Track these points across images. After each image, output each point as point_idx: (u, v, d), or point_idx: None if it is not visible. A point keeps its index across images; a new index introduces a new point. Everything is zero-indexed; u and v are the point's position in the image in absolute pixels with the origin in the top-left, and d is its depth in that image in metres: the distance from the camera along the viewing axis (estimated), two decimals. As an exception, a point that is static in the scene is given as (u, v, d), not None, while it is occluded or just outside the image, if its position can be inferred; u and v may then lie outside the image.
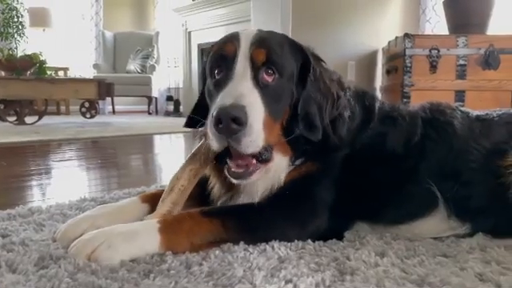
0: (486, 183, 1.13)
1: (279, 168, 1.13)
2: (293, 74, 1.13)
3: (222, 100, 0.99)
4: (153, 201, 1.22)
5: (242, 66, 1.07)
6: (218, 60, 1.13)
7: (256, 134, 0.99)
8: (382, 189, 1.16)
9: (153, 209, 1.19)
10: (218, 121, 0.96)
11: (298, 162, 1.15)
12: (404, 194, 1.16)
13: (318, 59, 1.23)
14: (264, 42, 1.11)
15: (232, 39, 1.12)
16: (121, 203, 1.26)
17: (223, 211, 1.10)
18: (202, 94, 1.27)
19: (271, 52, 1.09)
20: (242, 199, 1.16)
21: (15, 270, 0.88)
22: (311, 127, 1.12)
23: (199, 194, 1.32)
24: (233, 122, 0.95)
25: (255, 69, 1.07)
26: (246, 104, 0.97)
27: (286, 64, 1.11)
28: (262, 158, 1.07)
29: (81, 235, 1.01)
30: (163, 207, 1.11)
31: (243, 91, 1.01)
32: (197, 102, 1.30)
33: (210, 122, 1.00)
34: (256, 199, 1.12)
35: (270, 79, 1.08)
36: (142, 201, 1.25)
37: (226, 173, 1.08)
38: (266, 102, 1.04)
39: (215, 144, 1.00)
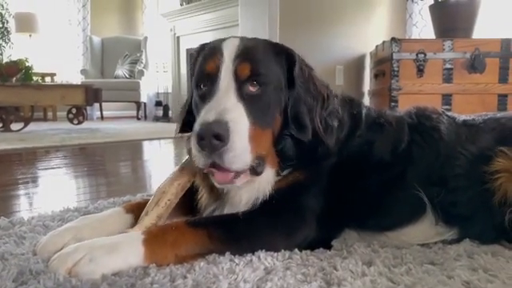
0: (472, 189, 1.13)
1: (264, 179, 1.11)
2: (280, 80, 1.12)
3: (204, 115, 0.98)
4: (137, 211, 1.20)
5: (226, 80, 1.06)
6: (202, 74, 1.12)
7: (240, 149, 0.97)
8: (370, 196, 1.16)
9: (137, 219, 1.17)
10: (200, 137, 0.95)
11: (285, 173, 1.14)
12: (392, 201, 1.16)
13: (306, 64, 1.22)
14: (247, 54, 1.09)
15: (216, 52, 1.10)
16: (103, 214, 1.22)
17: (209, 221, 1.08)
18: (190, 98, 1.24)
19: (255, 64, 1.08)
20: (228, 209, 1.15)
21: (-7, 287, 0.85)
22: (301, 127, 1.12)
23: (186, 204, 1.31)
24: (215, 138, 0.94)
25: (239, 82, 1.06)
26: (228, 119, 0.96)
27: (272, 73, 1.10)
28: (256, 171, 1.05)
29: (62, 248, 0.99)
30: (148, 220, 1.09)
31: (226, 106, 1.00)
32: (187, 108, 1.26)
33: (193, 138, 0.98)
34: (241, 209, 1.11)
35: (255, 91, 1.06)
36: (125, 211, 1.22)
37: (211, 177, 1.07)
38: (252, 114, 1.02)
39: (200, 161, 0.99)
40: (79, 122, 5.97)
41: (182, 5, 7.33)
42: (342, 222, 1.17)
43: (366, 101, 5.04)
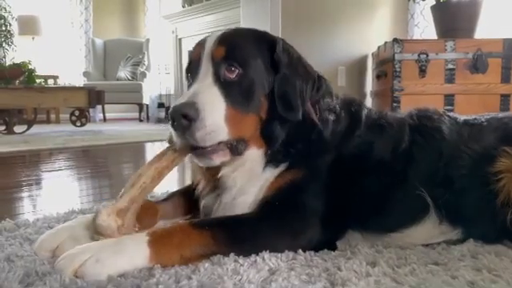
0: (475, 190, 1.13)
1: (253, 159, 1.13)
2: (261, 64, 1.13)
3: (178, 100, 1.06)
4: None
5: (205, 66, 1.12)
6: (188, 66, 1.20)
7: (210, 127, 1.02)
8: (372, 197, 1.16)
9: None
10: (172, 119, 1.03)
11: (282, 167, 1.14)
12: (394, 202, 1.16)
13: (294, 51, 1.22)
14: (224, 39, 1.13)
15: (199, 43, 1.17)
16: None
17: (214, 223, 1.07)
18: None
19: (231, 47, 1.11)
20: (225, 195, 1.16)
21: (0, 288, 0.86)
22: (289, 106, 1.12)
23: (186, 203, 1.35)
24: (183, 118, 1.01)
25: (216, 66, 1.10)
26: (197, 101, 1.03)
27: (250, 56, 1.12)
28: (236, 150, 1.09)
29: (58, 246, 1.03)
30: (120, 203, 1.07)
31: (198, 90, 1.07)
32: None
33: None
34: (235, 192, 1.14)
35: (232, 75, 1.10)
36: None
37: (194, 159, 1.11)
38: (231, 97, 1.07)
39: (178, 141, 1.07)
40: (82, 124, 5.99)
41: (183, 7, 7.35)
42: (345, 223, 1.16)
43: (368, 102, 5.04)
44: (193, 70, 1.16)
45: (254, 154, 1.14)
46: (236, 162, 1.14)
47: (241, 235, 1.05)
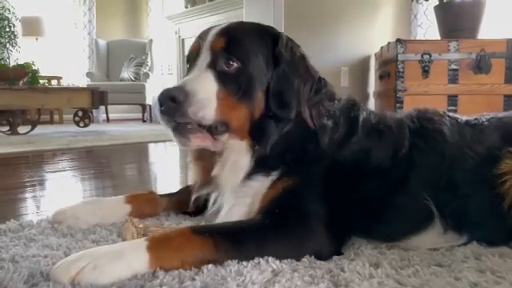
0: (481, 193, 1.09)
1: (238, 151, 1.12)
2: (261, 59, 1.12)
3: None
4: (135, 202, 1.37)
5: (204, 56, 1.11)
6: (188, 57, 1.20)
7: (202, 101, 1.02)
8: (374, 205, 1.12)
9: (134, 210, 1.36)
10: (160, 103, 1.04)
11: (274, 176, 1.11)
12: (397, 210, 1.12)
13: (298, 49, 1.20)
14: (226, 31, 1.13)
15: (201, 34, 1.17)
16: (105, 200, 1.40)
17: (214, 230, 1.02)
18: None
19: (231, 40, 1.10)
20: (219, 192, 1.18)
21: (4, 289, 0.86)
22: (283, 104, 1.10)
23: (187, 201, 1.37)
24: (171, 101, 1.02)
25: (214, 56, 1.10)
26: (187, 86, 1.03)
27: (251, 50, 1.11)
28: (215, 130, 1.08)
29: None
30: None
31: (191, 77, 1.08)
32: None
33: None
34: (229, 192, 1.14)
35: (230, 68, 1.09)
36: (125, 201, 1.37)
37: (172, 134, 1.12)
38: (226, 87, 1.07)
39: (164, 123, 1.08)
40: (85, 125, 6.01)
41: (186, 7, 7.37)
42: (349, 232, 1.13)
43: (371, 102, 5.04)
44: (192, 59, 1.16)
45: (238, 146, 1.12)
46: (222, 158, 1.14)
47: (244, 245, 1.00)
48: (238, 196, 1.14)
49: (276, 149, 1.11)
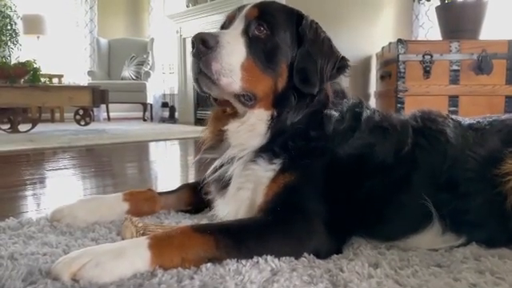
0: (482, 194, 1.09)
1: (259, 118, 1.17)
2: (287, 34, 1.18)
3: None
4: (133, 200, 1.38)
5: (238, 22, 1.18)
6: (222, 25, 1.26)
7: (227, 65, 1.07)
8: (374, 202, 1.13)
9: (132, 208, 1.37)
10: (192, 45, 1.08)
11: (276, 165, 1.13)
12: (396, 209, 1.12)
13: (322, 29, 1.28)
14: (261, 5, 1.21)
15: (238, 8, 1.24)
16: (103, 197, 1.40)
17: (215, 229, 1.03)
18: None
19: (265, 11, 1.18)
20: (230, 151, 1.20)
21: (3, 286, 0.86)
22: (306, 81, 1.16)
23: (189, 199, 1.43)
24: (202, 44, 1.06)
25: (247, 23, 1.16)
26: (220, 37, 1.08)
27: (279, 24, 1.18)
28: (244, 101, 1.14)
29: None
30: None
31: (224, 32, 1.14)
32: None
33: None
34: (240, 152, 1.18)
35: (261, 33, 1.15)
36: (123, 199, 1.37)
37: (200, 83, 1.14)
38: (253, 52, 1.12)
39: (192, 69, 1.12)
40: (86, 123, 6.01)
41: (188, 6, 7.36)
42: (350, 231, 1.14)
43: (372, 102, 5.03)
44: (226, 26, 1.23)
45: (261, 114, 1.17)
46: (242, 118, 1.18)
47: (245, 243, 1.01)
48: (241, 181, 1.18)
49: (288, 108, 1.16)
